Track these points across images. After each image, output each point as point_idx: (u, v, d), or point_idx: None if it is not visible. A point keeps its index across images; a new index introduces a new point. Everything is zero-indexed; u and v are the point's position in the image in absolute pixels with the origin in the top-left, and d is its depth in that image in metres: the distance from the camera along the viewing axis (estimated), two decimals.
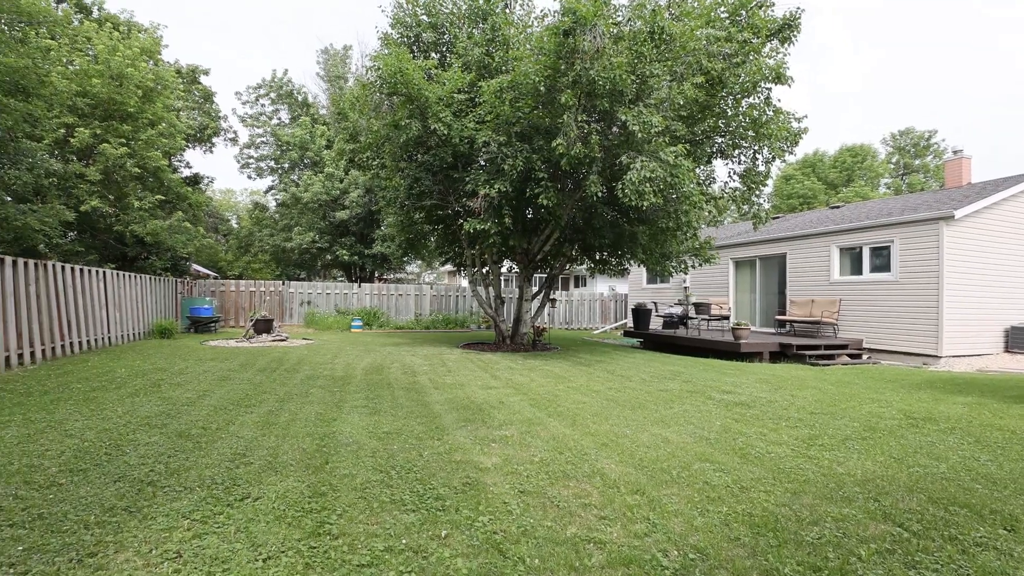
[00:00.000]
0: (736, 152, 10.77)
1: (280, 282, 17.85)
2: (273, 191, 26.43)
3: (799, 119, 10.13)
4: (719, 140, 10.70)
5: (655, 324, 16.09)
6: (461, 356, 10.00)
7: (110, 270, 10.63)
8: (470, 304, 19.89)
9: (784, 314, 13.74)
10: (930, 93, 63.39)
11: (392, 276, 30.10)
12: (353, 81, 26.29)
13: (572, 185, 10.57)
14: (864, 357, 11.39)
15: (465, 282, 20.42)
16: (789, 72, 9.61)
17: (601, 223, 10.82)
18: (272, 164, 25.86)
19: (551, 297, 15.96)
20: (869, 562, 2.42)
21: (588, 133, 8.56)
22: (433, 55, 11.68)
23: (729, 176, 11.15)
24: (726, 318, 14.01)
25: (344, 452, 3.79)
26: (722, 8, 9.63)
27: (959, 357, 10.69)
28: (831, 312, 12.22)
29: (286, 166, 25.25)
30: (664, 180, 8.14)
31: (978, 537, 2.66)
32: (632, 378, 7.69)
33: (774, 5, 9.81)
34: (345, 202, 22.27)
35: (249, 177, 27.33)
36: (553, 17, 10.28)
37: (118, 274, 11.01)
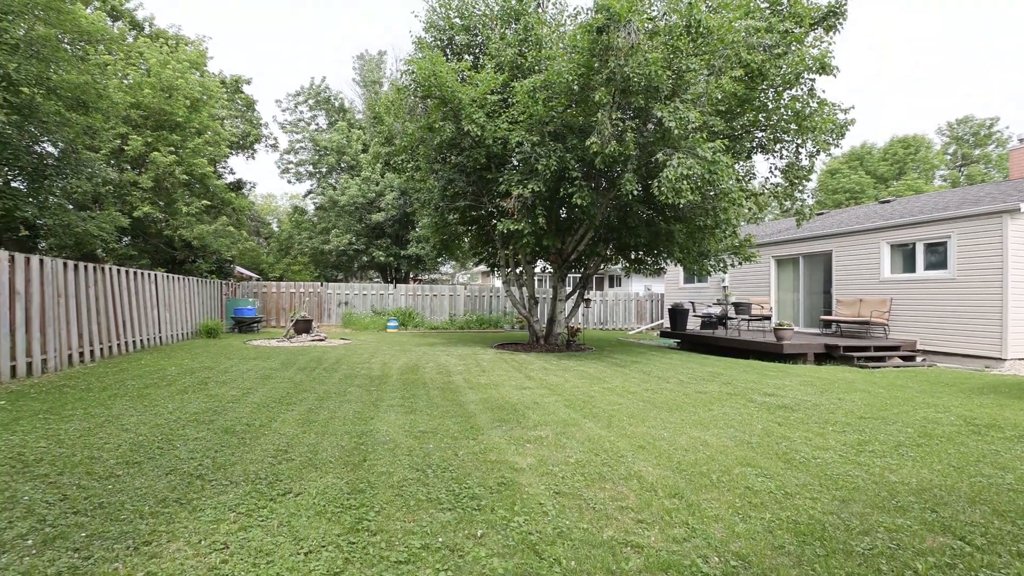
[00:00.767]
0: (777, 146, 10.44)
1: (319, 283, 18.35)
2: (311, 195, 27.17)
3: (845, 110, 9.72)
4: (759, 134, 10.39)
5: (692, 324, 15.72)
6: (495, 356, 10.03)
7: (161, 273, 11.18)
8: (503, 304, 19.94)
9: (830, 314, 13.19)
10: (986, 80, 59.59)
11: (427, 277, 30.49)
12: (388, 85, 26.84)
13: (606, 184, 10.44)
14: (918, 359, 10.79)
15: (498, 282, 20.48)
16: (834, 61, 9.23)
17: (636, 222, 10.64)
18: (310, 169, 26.60)
19: (585, 297, 15.82)
20: None
21: (623, 131, 8.44)
22: (466, 57, 11.77)
23: (770, 171, 10.84)
24: (767, 318, 13.55)
25: (381, 450, 3.85)
26: None
27: None
28: (881, 312, 11.65)
29: (324, 170, 25.93)
30: (702, 177, 7.95)
31: None
32: (669, 379, 7.53)
33: None
34: (381, 204, 22.71)
35: (289, 182, 28.21)
36: (586, 15, 10.21)
37: (168, 276, 11.56)
